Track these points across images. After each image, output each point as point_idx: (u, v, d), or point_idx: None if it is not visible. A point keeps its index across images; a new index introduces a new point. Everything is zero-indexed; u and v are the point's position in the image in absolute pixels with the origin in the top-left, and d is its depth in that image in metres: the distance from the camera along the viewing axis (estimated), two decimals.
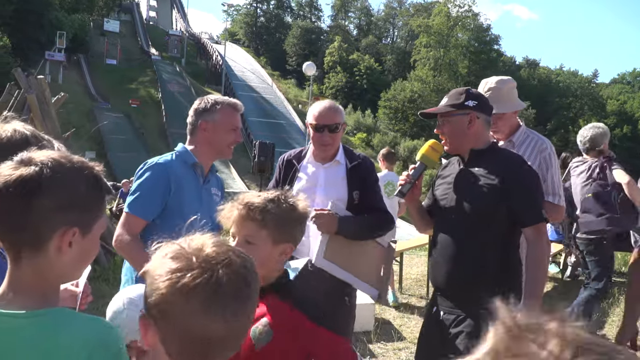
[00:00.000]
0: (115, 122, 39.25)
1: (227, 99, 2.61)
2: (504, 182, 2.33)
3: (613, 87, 73.02)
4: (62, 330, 1.07)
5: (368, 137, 48.98)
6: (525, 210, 2.34)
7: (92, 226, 1.16)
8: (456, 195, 2.45)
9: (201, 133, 2.53)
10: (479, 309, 2.32)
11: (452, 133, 2.48)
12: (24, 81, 7.06)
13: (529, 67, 70.16)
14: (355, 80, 61.99)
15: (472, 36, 62.54)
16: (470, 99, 2.45)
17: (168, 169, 2.44)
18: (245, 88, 51.62)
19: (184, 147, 2.57)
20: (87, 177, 1.14)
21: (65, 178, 1.10)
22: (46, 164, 1.09)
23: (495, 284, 2.31)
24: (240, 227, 1.67)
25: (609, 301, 5.99)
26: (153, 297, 0.96)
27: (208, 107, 2.54)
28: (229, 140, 2.56)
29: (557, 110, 60.62)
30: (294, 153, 2.99)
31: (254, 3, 78.89)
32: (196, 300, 0.92)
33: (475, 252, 2.37)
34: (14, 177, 1.07)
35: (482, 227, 2.36)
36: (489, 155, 2.44)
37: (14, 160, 1.11)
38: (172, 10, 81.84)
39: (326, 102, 2.92)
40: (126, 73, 51.95)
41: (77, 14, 51.96)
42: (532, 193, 2.38)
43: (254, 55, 67.74)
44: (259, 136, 33.61)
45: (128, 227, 2.40)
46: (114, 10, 69.65)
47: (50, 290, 1.14)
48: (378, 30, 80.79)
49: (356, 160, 2.87)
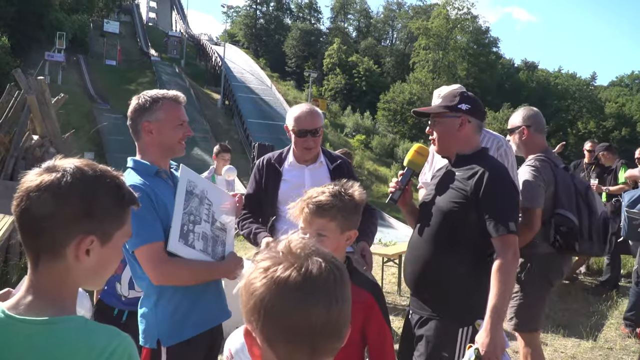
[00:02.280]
0: (114, 123, 39.22)
1: (166, 92, 2.36)
2: (476, 190, 2.31)
3: (611, 89, 73.09)
4: (76, 339, 1.08)
5: (367, 139, 48.93)
6: (493, 221, 2.28)
7: (112, 235, 1.18)
8: (435, 196, 2.49)
9: (146, 135, 2.29)
10: (441, 312, 2.38)
11: (442, 134, 2.50)
12: (24, 82, 7.08)
13: (528, 70, 70.27)
14: (354, 82, 61.96)
15: (471, 39, 62.59)
16: (464, 102, 2.47)
17: (138, 188, 2.13)
18: (244, 89, 51.58)
19: (134, 160, 2.31)
20: (108, 187, 1.16)
21: (85, 186, 1.13)
22: (68, 172, 1.12)
23: (458, 288, 2.33)
24: (311, 222, 1.88)
25: (607, 304, 6.01)
26: (252, 301, 0.97)
27: (147, 105, 2.29)
28: (178, 137, 2.33)
29: (555, 113, 60.62)
30: (275, 156, 3.04)
31: (254, 5, 78.90)
32: (292, 291, 0.94)
33: (440, 254, 2.38)
34: (35, 183, 1.11)
35: (452, 230, 2.37)
36: (471, 160, 2.43)
37: (41, 166, 1.14)
38: (172, 11, 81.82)
39: (306, 107, 2.97)
40: (126, 74, 51.91)
41: (77, 14, 51.96)
42: (502, 204, 2.31)
43: (253, 56, 67.71)
44: (258, 138, 33.57)
45: (150, 258, 2.12)
46: (114, 11, 69.62)
47: (68, 296, 1.16)
48: (377, 32, 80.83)
49: (336, 160, 3.00)
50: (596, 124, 59.09)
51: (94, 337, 1.10)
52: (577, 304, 6.12)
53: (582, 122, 60.03)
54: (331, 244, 1.86)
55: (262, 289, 0.96)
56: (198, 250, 2.23)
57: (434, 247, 2.41)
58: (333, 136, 48.14)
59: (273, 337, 0.97)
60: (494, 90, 60.33)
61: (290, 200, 2.80)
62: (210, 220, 2.35)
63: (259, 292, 0.97)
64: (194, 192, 2.30)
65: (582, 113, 61.68)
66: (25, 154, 6.95)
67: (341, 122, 52.57)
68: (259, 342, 0.99)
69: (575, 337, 5.02)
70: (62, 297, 1.14)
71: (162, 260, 2.13)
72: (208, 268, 2.28)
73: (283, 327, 0.95)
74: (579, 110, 61.87)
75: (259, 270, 0.99)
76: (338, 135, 49.64)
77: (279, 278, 0.95)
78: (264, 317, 0.97)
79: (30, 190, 1.10)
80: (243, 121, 43.16)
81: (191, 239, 2.21)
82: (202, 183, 2.38)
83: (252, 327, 1.00)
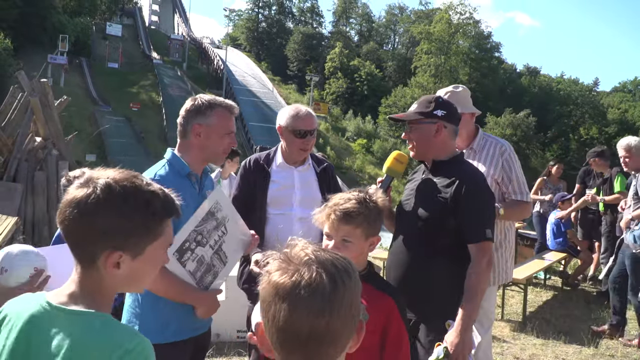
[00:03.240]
0: (116, 126, 39.31)
1: (223, 101, 2.40)
2: (454, 197, 2.37)
3: (614, 95, 72.95)
4: (101, 332, 1.14)
5: (368, 143, 48.99)
6: (469, 228, 2.36)
7: (144, 249, 1.21)
8: (414, 202, 2.52)
9: (194, 137, 2.33)
10: (425, 315, 2.43)
11: (419, 140, 2.53)
12: (27, 84, 7.10)
13: (530, 75, 70.22)
14: (355, 86, 62.03)
15: (473, 43, 62.63)
16: (439, 108, 2.49)
17: (165, 184, 2.18)
18: (246, 93, 51.68)
19: (173, 153, 2.36)
20: (135, 204, 1.18)
21: (110, 205, 1.16)
22: (97, 188, 1.16)
23: (436, 292, 2.38)
24: (337, 229, 1.90)
25: (608, 311, 5.99)
26: (259, 300, 1.03)
27: (202, 109, 2.32)
28: (223, 145, 2.36)
29: (557, 118, 60.60)
30: (263, 157, 2.95)
31: (256, 8, 79.07)
32: (282, 297, 0.97)
33: (420, 260, 2.42)
34: (69, 198, 1.17)
35: (431, 236, 2.41)
36: (450, 167, 2.47)
37: (82, 179, 1.19)
38: (174, 14, 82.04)
39: (302, 107, 2.92)
40: (127, 77, 52.03)
41: (80, 17, 52.14)
42: (478, 211, 2.38)
43: (255, 60, 67.85)
44: (260, 141, 33.58)
45: None
46: (117, 14, 69.88)
47: (102, 298, 1.21)
48: (379, 36, 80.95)
49: (322, 163, 3.00)
50: (598, 130, 58.94)
51: (117, 333, 1.15)
52: (578, 311, 6.10)
53: (584, 128, 59.90)
54: (355, 250, 1.91)
55: (263, 291, 1.01)
56: (187, 271, 2.18)
57: (415, 252, 2.45)
58: (334, 140, 48.19)
59: (271, 338, 1.01)
60: (496, 95, 60.31)
61: (279, 201, 2.80)
62: (215, 247, 2.28)
63: (261, 293, 1.02)
64: (215, 215, 2.25)
65: (584, 119, 61.58)
66: (27, 156, 6.96)
67: (342, 126, 52.62)
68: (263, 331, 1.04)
69: (576, 344, 5.00)
70: (97, 298, 1.20)
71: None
72: (184, 291, 2.20)
73: (276, 330, 0.98)
74: (581, 116, 61.80)
75: (266, 270, 1.03)
76: (339, 139, 49.67)
77: (274, 283, 0.99)
78: (264, 318, 1.01)
79: (65, 204, 1.16)
80: (244, 124, 43.22)
81: (186, 258, 2.17)
82: (228, 211, 2.33)
83: (263, 319, 1.04)
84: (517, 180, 3.13)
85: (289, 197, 2.82)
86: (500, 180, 3.12)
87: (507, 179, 3.11)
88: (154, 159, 2.69)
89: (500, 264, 3.16)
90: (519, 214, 3.25)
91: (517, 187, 3.12)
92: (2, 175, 6.82)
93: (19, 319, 1.18)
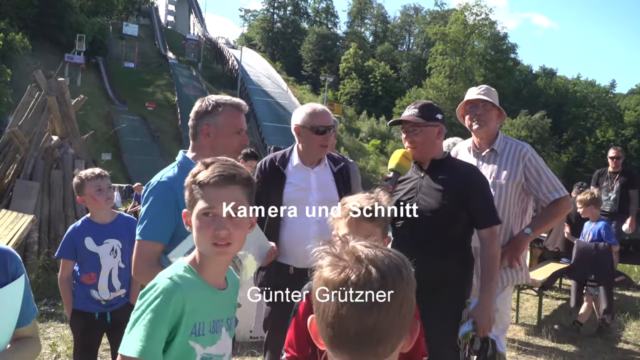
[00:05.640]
0: (131, 125, 39.64)
1: (230, 99, 2.38)
2: (463, 190, 2.61)
3: (631, 97, 71.88)
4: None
5: (382, 144, 48.91)
6: (482, 214, 2.64)
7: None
8: (421, 200, 2.65)
9: (204, 138, 2.32)
10: (438, 312, 2.45)
11: (424, 142, 2.70)
12: (45, 83, 7.17)
13: (546, 76, 69.54)
14: (370, 86, 61.98)
15: (489, 44, 62.21)
16: (438, 112, 2.73)
17: (173, 186, 2.17)
18: (260, 93, 51.87)
19: (184, 156, 2.33)
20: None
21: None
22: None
23: (455, 280, 2.60)
24: (357, 228, 1.91)
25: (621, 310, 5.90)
26: (312, 290, 1.02)
27: (209, 109, 2.31)
28: (234, 144, 2.33)
29: (573, 120, 60.00)
30: (278, 157, 2.90)
31: (271, 9, 79.35)
32: (329, 292, 0.96)
33: (436, 252, 2.53)
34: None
35: (444, 230, 2.59)
36: (447, 164, 2.73)
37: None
38: (190, 14, 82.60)
39: (318, 105, 2.91)
40: (143, 76, 52.48)
41: (97, 17, 52.65)
42: (487, 198, 2.69)
43: (270, 60, 68.05)
44: (273, 141, 33.68)
45: (143, 254, 2.16)
46: (133, 14, 70.49)
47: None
48: (394, 37, 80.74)
49: (339, 163, 2.94)
50: (615, 132, 58.25)
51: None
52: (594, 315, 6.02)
53: (600, 130, 59.22)
54: None
55: (314, 285, 1.00)
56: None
57: (431, 247, 2.53)
58: (348, 141, 48.17)
59: (321, 333, 0.99)
60: (511, 97, 59.76)
61: (295, 203, 2.76)
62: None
63: (313, 287, 1.00)
64: None
65: (600, 121, 60.88)
66: (44, 154, 7.03)
67: (356, 127, 52.59)
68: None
69: (591, 349, 4.94)
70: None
71: (149, 263, 2.12)
72: None
73: (325, 326, 0.97)
74: (597, 118, 61.10)
75: (318, 265, 1.01)
76: (353, 139, 49.63)
77: (324, 278, 0.97)
78: (316, 312, 1.00)
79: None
80: (258, 124, 43.36)
81: None
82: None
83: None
84: (547, 177, 3.08)
85: (306, 198, 2.77)
86: (528, 185, 3.08)
87: (536, 181, 3.06)
88: (168, 159, 2.64)
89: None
90: (559, 215, 3.21)
91: (549, 185, 3.06)
92: (19, 174, 6.90)
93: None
